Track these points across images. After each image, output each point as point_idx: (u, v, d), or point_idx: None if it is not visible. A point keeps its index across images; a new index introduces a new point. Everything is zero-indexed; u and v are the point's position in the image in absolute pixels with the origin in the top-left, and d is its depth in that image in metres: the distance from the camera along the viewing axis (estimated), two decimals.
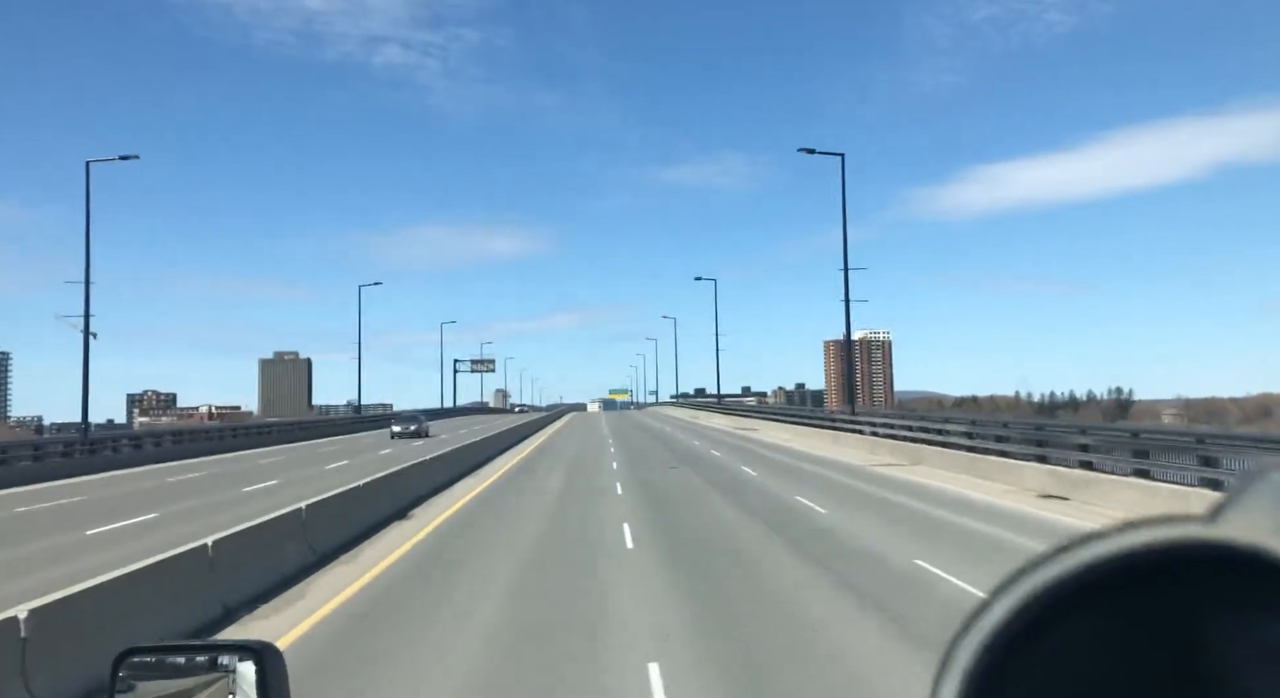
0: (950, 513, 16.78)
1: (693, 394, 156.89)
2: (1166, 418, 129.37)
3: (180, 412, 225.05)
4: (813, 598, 10.14)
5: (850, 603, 9.81)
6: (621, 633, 8.59)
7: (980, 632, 0.53)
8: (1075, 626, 0.53)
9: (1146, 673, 0.52)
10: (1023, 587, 0.53)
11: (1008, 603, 0.53)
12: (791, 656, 7.87)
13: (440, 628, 8.96)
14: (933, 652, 0.74)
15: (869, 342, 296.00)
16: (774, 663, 7.66)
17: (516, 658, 7.93)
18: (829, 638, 8.49)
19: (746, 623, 8.96)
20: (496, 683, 7.34)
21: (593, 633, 8.60)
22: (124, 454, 34.32)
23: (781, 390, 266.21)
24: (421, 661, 7.85)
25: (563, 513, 18.03)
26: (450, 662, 7.83)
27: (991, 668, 0.53)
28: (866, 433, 32.95)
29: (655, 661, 7.49)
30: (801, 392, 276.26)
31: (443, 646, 8.34)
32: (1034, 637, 0.53)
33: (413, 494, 19.55)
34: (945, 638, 0.55)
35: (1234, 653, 0.51)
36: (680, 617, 9.21)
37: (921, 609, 9.28)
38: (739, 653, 7.92)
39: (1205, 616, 0.51)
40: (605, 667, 7.59)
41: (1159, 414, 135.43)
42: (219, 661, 1.69)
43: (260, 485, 24.09)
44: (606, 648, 8.09)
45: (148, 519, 17.91)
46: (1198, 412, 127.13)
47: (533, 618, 9.30)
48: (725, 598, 10.08)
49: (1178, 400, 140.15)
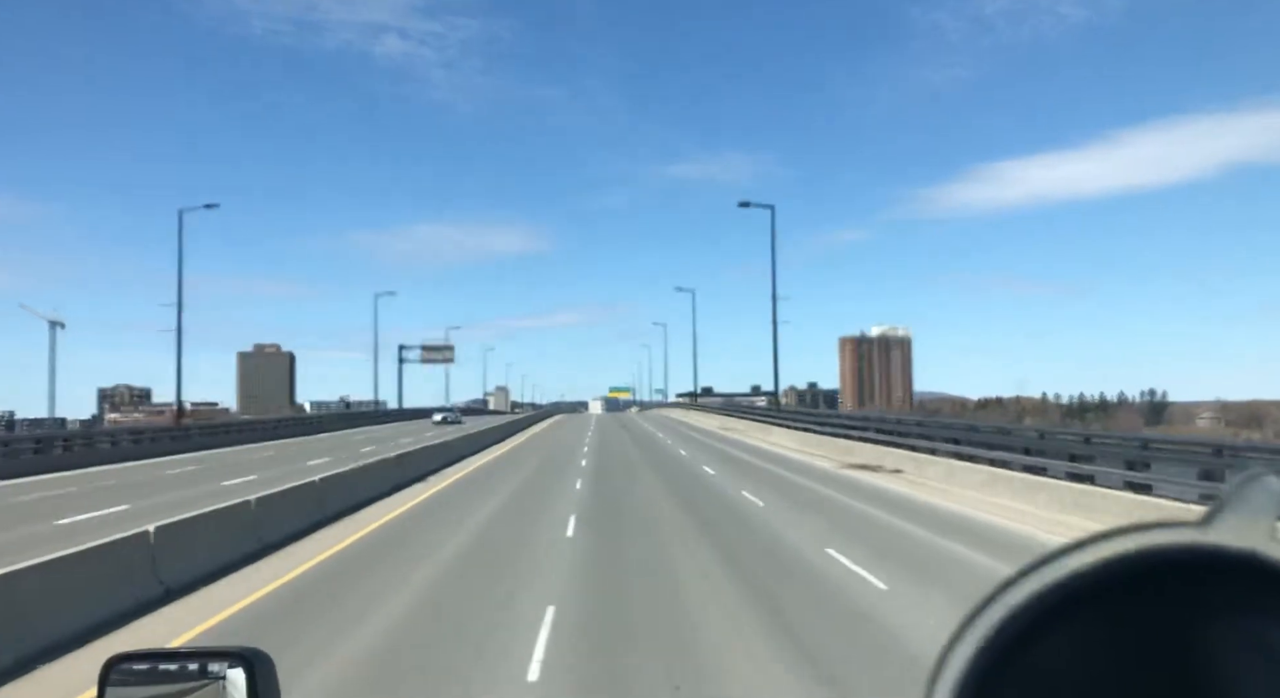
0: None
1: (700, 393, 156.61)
2: (1203, 422, 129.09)
3: (151, 408, 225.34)
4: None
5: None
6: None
7: (973, 639, 0.55)
8: (1069, 631, 0.54)
9: (1141, 678, 0.53)
10: (1016, 593, 0.55)
11: (1001, 610, 0.55)
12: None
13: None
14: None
15: (887, 338, 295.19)
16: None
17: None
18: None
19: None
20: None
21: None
22: (75, 454, 33.34)
23: (793, 390, 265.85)
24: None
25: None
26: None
27: (985, 675, 0.54)
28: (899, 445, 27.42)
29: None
30: (814, 391, 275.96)
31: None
32: (1027, 643, 0.55)
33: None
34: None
35: (1229, 658, 0.52)
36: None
37: None
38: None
39: (1200, 621, 0.53)
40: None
41: (1195, 417, 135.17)
42: (209, 668, 1.75)
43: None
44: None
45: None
46: (1237, 415, 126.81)
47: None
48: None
49: (1215, 403, 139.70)
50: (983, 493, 19.46)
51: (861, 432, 31.78)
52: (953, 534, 15.06)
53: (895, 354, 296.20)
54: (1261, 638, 0.52)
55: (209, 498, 16.19)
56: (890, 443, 28.09)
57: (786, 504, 19.23)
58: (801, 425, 40.62)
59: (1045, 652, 0.55)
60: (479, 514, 18.42)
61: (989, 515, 17.23)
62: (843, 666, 7.92)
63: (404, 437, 45.69)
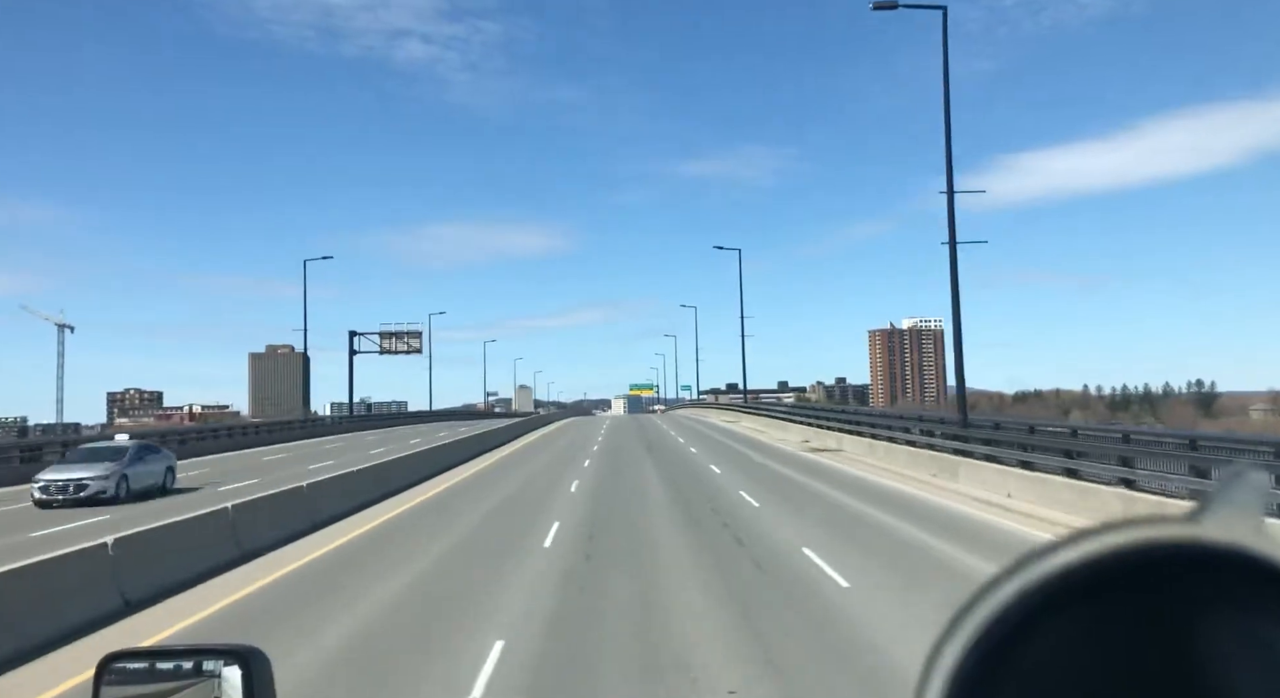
0: None
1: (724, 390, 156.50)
2: (1257, 414, 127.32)
3: (161, 412, 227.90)
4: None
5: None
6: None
7: (964, 634, 0.56)
8: (1059, 627, 0.56)
9: (1130, 673, 0.55)
10: (1005, 589, 0.56)
11: (990, 606, 0.56)
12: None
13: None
14: None
15: (918, 331, 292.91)
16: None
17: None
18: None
19: None
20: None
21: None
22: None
23: (820, 386, 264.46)
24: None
25: None
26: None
27: (976, 670, 0.56)
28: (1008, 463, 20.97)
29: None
30: (843, 387, 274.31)
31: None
32: (1018, 638, 0.56)
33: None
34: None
35: (1217, 652, 0.54)
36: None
37: None
38: None
39: (1188, 615, 0.55)
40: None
41: (1247, 409, 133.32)
42: (204, 666, 1.81)
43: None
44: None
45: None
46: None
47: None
48: None
49: (1269, 393, 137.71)
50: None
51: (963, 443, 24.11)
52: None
53: (928, 346, 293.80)
54: (1250, 632, 0.54)
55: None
56: (993, 458, 21.69)
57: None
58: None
59: (1035, 649, 0.56)
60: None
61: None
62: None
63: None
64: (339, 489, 20.37)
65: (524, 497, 22.98)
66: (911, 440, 28.17)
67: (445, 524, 18.20)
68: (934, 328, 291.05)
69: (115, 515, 20.29)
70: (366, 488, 22.03)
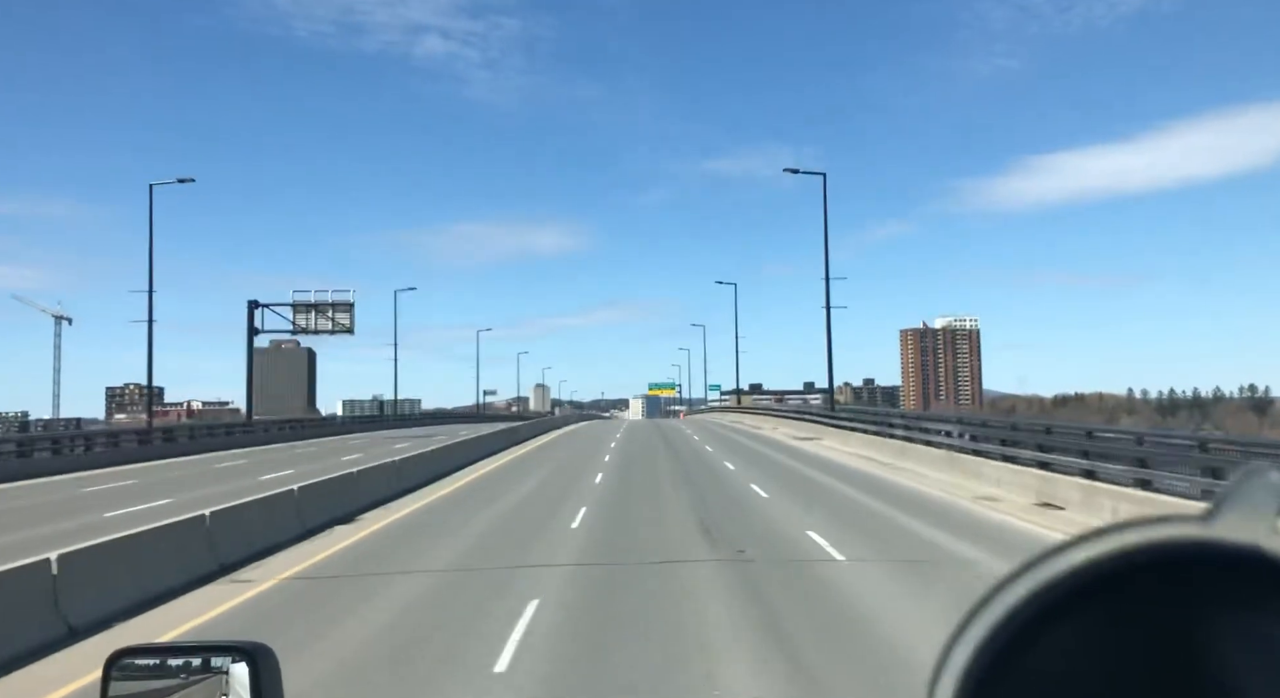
0: None
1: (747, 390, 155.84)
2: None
3: (159, 408, 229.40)
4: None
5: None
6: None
7: (975, 633, 0.57)
8: (1071, 626, 0.57)
9: (1143, 673, 0.56)
10: (1018, 588, 0.57)
11: (1003, 605, 0.57)
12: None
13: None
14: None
15: (952, 330, 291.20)
16: None
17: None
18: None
19: None
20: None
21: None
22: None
23: (848, 387, 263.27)
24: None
25: None
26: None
27: (987, 669, 0.57)
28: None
29: None
30: (871, 388, 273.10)
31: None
32: (1030, 637, 0.57)
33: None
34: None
35: (1231, 652, 0.55)
36: None
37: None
38: None
39: (1202, 616, 0.56)
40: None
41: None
42: (211, 662, 1.86)
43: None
44: None
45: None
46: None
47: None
48: None
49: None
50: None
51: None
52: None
53: (963, 346, 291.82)
54: (1265, 634, 0.55)
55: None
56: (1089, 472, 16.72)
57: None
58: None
59: (1046, 649, 0.57)
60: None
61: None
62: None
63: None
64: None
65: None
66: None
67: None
68: (969, 327, 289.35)
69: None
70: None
